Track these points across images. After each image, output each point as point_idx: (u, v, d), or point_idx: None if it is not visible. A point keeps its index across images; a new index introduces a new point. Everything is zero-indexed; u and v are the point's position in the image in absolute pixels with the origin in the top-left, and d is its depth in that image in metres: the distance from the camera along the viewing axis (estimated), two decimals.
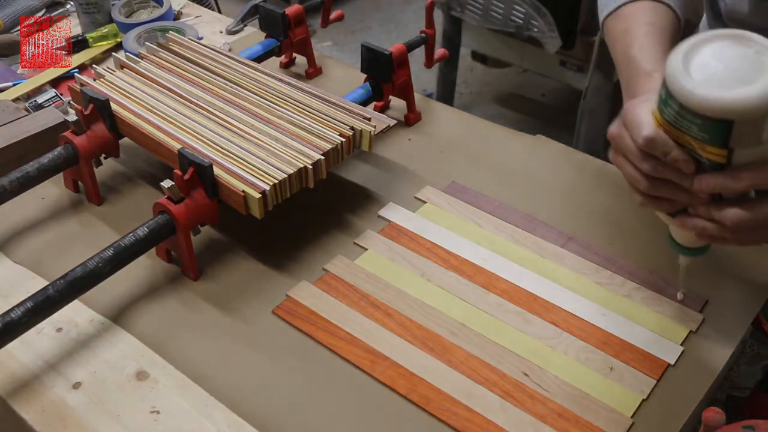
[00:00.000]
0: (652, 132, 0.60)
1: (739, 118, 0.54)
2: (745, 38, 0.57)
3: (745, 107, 0.54)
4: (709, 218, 0.61)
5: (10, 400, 0.68)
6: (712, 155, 0.58)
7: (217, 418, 0.67)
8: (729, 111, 0.54)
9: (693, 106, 0.55)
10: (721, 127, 0.55)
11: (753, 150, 0.57)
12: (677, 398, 0.68)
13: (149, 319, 0.76)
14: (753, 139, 0.56)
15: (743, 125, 0.55)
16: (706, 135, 0.57)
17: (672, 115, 0.58)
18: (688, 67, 0.56)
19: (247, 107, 0.89)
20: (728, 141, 0.56)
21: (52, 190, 0.92)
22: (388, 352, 0.72)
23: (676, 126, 0.58)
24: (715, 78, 0.56)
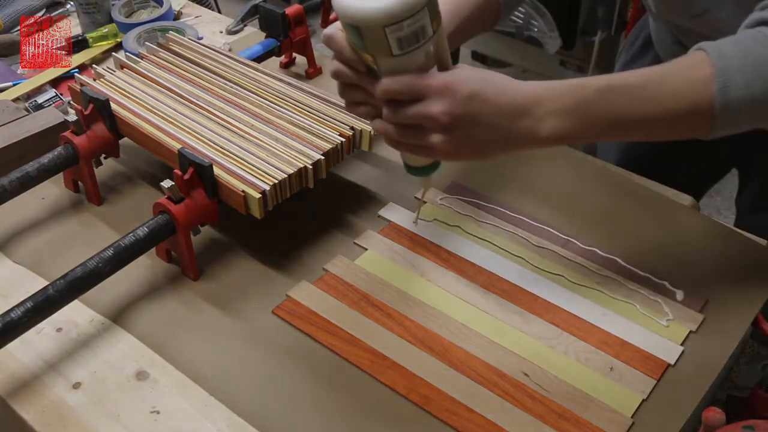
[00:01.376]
0: (331, 31, 0.66)
1: (362, 26, 0.60)
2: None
3: (361, 16, 0.59)
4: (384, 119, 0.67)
5: (10, 400, 0.68)
6: (367, 61, 0.64)
7: (217, 418, 0.67)
8: (350, 17, 0.59)
9: (336, 8, 0.60)
10: (355, 33, 0.61)
11: (392, 61, 0.62)
12: (677, 398, 0.68)
13: (149, 319, 0.76)
14: (384, 50, 0.61)
15: (369, 33, 0.60)
16: (354, 39, 0.62)
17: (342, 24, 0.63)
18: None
19: (247, 107, 0.89)
20: (367, 47, 0.62)
21: (52, 190, 0.92)
22: (388, 352, 0.72)
23: (347, 35, 0.64)
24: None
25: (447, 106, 0.63)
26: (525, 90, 0.65)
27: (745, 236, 0.84)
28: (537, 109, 0.64)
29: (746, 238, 0.84)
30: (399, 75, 0.63)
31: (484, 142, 0.65)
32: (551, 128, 0.64)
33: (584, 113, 0.64)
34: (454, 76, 0.64)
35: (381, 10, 0.58)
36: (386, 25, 0.59)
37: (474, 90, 0.63)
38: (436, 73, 0.65)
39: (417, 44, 0.61)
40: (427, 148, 0.66)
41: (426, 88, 0.63)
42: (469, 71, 0.65)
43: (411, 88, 0.64)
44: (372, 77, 0.66)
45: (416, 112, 0.64)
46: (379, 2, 0.58)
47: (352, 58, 0.66)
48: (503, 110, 0.64)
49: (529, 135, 0.65)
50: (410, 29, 0.60)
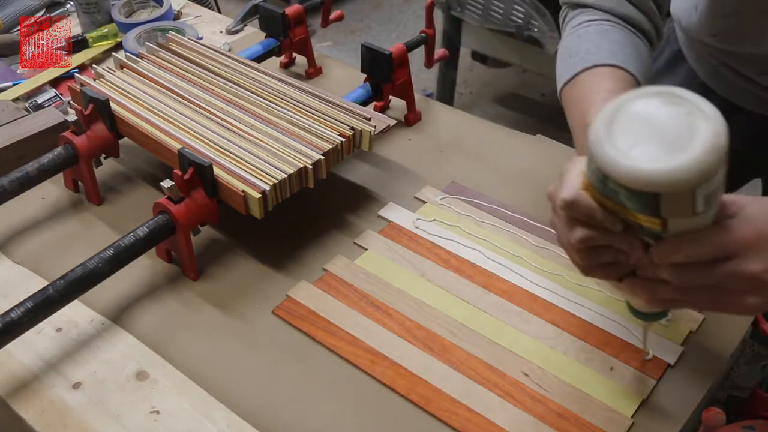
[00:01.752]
0: (573, 193, 0.56)
1: (666, 191, 0.49)
2: (674, 95, 0.51)
3: (669, 181, 0.48)
4: (655, 278, 0.57)
5: (10, 400, 0.68)
6: (645, 222, 0.53)
7: (217, 418, 0.67)
8: (653, 184, 0.49)
9: (614, 176, 0.50)
10: (648, 198, 0.50)
11: (690, 220, 0.52)
12: (677, 398, 0.68)
13: (149, 319, 0.76)
14: (686, 211, 0.51)
15: (672, 198, 0.49)
16: (635, 204, 0.51)
17: (597, 180, 0.53)
18: (612, 131, 0.51)
19: (247, 107, 0.89)
20: (659, 211, 0.51)
21: (52, 190, 0.92)
22: (388, 352, 0.72)
23: (602, 192, 0.53)
24: (638, 145, 0.49)
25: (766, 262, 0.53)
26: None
27: None
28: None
29: None
30: (693, 233, 0.53)
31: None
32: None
33: None
34: (760, 221, 0.54)
35: (693, 168, 0.47)
36: (700, 184, 0.48)
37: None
38: (739, 224, 0.53)
39: (719, 196, 0.51)
40: (731, 307, 0.57)
41: (736, 244, 0.53)
42: (764, 206, 0.55)
43: (719, 247, 0.53)
44: (631, 235, 0.55)
45: (729, 273, 0.54)
46: (685, 158, 0.47)
47: (605, 220, 0.55)
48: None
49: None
50: (718, 180, 0.49)
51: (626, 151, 0.49)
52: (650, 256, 0.55)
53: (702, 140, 0.48)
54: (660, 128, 0.50)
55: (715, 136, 0.48)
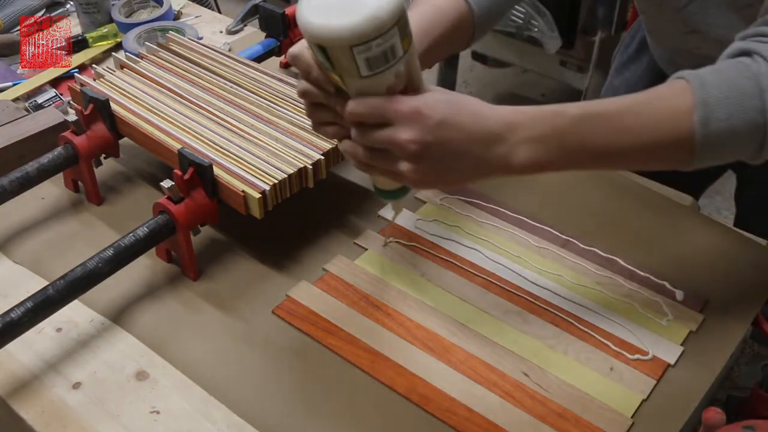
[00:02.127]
0: (297, 49, 0.63)
1: (327, 46, 0.56)
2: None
3: (326, 35, 0.55)
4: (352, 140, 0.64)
5: (10, 400, 0.68)
6: (335, 81, 0.61)
7: (217, 418, 0.67)
8: (315, 37, 0.56)
9: (301, 29, 0.57)
10: (322, 52, 0.58)
11: (360, 83, 0.59)
12: (677, 398, 0.68)
13: (149, 319, 0.76)
14: (351, 70, 0.58)
15: (336, 54, 0.57)
16: (320, 59, 0.59)
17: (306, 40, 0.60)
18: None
19: (247, 107, 0.89)
20: (334, 67, 0.58)
21: (52, 190, 0.92)
22: (388, 352, 0.72)
23: (312, 52, 0.60)
24: (327, 7, 0.56)
25: (415, 134, 0.60)
26: (498, 116, 0.62)
27: (745, 236, 0.84)
28: (510, 136, 0.61)
29: (746, 238, 0.84)
30: (367, 97, 0.61)
31: (454, 170, 0.62)
32: (525, 156, 0.62)
33: (559, 142, 0.62)
34: (423, 101, 0.61)
35: (348, 29, 0.55)
36: (354, 45, 0.56)
37: (444, 116, 0.60)
38: (405, 97, 0.61)
39: (386, 65, 0.58)
40: (395, 174, 0.64)
41: (394, 113, 0.60)
42: (440, 95, 0.62)
43: (378, 112, 0.61)
44: (340, 97, 0.63)
45: (384, 138, 0.61)
46: (345, 20, 0.55)
47: (319, 78, 0.63)
48: (475, 137, 0.61)
49: (502, 163, 0.62)
50: (379, 49, 0.57)
51: (315, 11, 0.56)
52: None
53: (366, 9, 0.54)
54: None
55: (377, 8, 0.54)
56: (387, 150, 0.62)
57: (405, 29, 0.58)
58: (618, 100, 0.64)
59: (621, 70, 1.09)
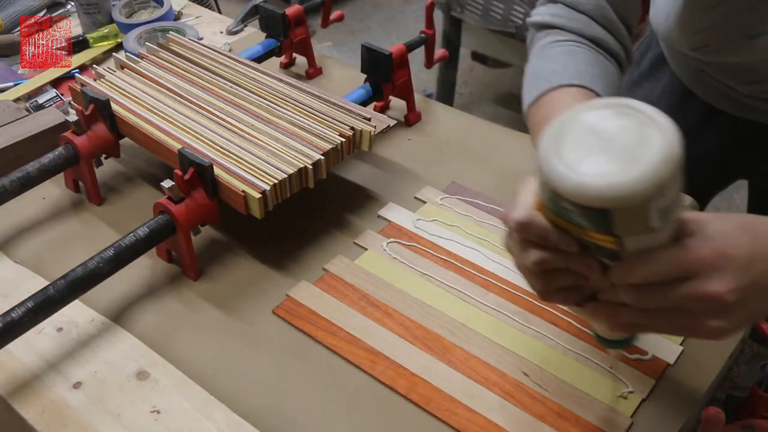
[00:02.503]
0: (525, 214, 0.53)
1: (616, 207, 0.46)
2: (627, 107, 0.48)
3: (619, 195, 0.45)
4: (615, 301, 0.54)
5: (11, 400, 0.69)
6: (600, 241, 0.50)
7: (217, 418, 0.67)
8: (603, 200, 0.46)
9: (563, 192, 0.47)
10: (599, 215, 0.47)
11: (645, 238, 0.49)
12: (677, 398, 0.68)
13: (150, 318, 0.76)
14: (639, 227, 0.48)
15: (623, 213, 0.46)
16: (587, 222, 0.48)
17: (548, 199, 0.50)
18: (560, 146, 0.48)
19: (248, 107, 0.89)
20: (612, 229, 0.48)
21: (52, 190, 0.92)
22: (388, 352, 0.72)
23: (555, 211, 0.51)
24: (588, 159, 0.47)
25: (730, 282, 0.50)
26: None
27: None
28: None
29: None
30: (650, 253, 0.50)
31: (763, 305, 0.53)
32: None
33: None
34: (721, 240, 0.51)
35: (643, 181, 0.44)
36: (653, 198, 0.45)
37: (749, 250, 0.51)
38: (697, 242, 0.50)
39: (675, 211, 0.48)
40: (694, 331, 0.53)
41: (695, 263, 0.50)
42: (727, 226, 0.52)
43: (677, 267, 0.50)
44: (588, 257, 0.52)
45: (689, 294, 0.50)
46: (636, 171, 0.44)
47: (561, 242, 0.52)
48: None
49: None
50: (672, 195, 0.46)
51: (575, 165, 0.47)
52: (608, 278, 0.52)
53: (654, 152, 0.45)
54: (611, 141, 0.47)
55: (668, 146, 0.45)
56: (678, 307, 0.52)
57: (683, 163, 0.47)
58: None
59: (633, 89, 1.05)
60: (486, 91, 2.75)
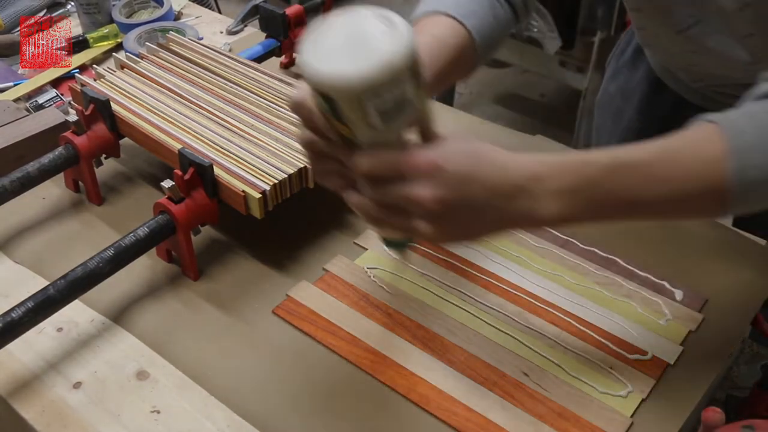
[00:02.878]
0: (300, 96, 0.59)
1: (335, 96, 0.52)
2: (386, 17, 0.52)
3: (334, 84, 0.51)
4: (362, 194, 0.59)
5: (11, 400, 0.69)
6: (342, 130, 0.56)
7: (218, 418, 0.67)
8: (322, 85, 0.51)
9: (305, 78, 0.52)
10: (328, 102, 0.53)
11: (372, 134, 0.54)
12: (677, 398, 0.68)
13: (150, 318, 0.76)
14: (362, 121, 0.53)
15: (346, 104, 0.52)
16: (327, 109, 0.54)
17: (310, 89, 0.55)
18: (317, 41, 0.53)
19: (247, 107, 0.89)
20: (341, 117, 0.53)
21: (52, 190, 0.92)
22: (388, 352, 0.72)
23: (315, 98, 0.55)
24: (332, 52, 0.51)
25: (435, 191, 0.55)
26: (522, 167, 0.58)
27: (745, 236, 0.84)
28: (536, 188, 0.57)
29: (746, 238, 0.84)
30: (379, 150, 0.56)
31: (476, 226, 0.58)
32: (552, 209, 0.57)
33: (588, 194, 0.57)
34: (442, 153, 0.56)
35: (359, 77, 0.50)
36: (365, 94, 0.51)
37: (466, 170, 0.56)
38: (422, 150, 0.56)
39: (400, 115, 0.53)
40: (410, 231, 0.59)
41: (410, 167, 0.55)
42: (459, 146, 0.57)
43: (393, 167, 0.56)
44: (346, 147, 0.58)
45: (400, 195, 0.56)
46: (355, 67, 0.50)
47: (323, 127, 0.58)
48: (498, 191, 0.57)
49: (527, 216, 0.58)
50: (392, 98, 0.52)
51: (320, 57, 0.51)
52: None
53: (374, 55, 0.50)
54: (356, 41, 0.52)
55: (391, 54, 0.50)
56: (401, 206, 0.57)
57: (418, 74, 0.53)
58: (645, 147, 0.59)
59: (616, 76, 1.08)
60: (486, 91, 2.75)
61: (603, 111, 1.11)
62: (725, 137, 0.57)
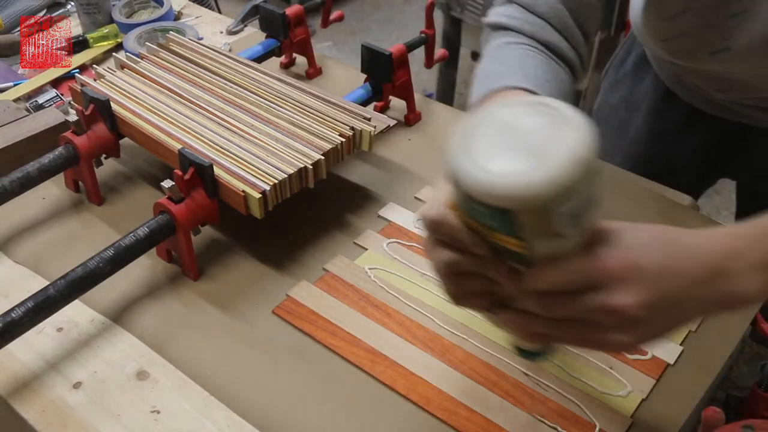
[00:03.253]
0: (437, 213, 0.52)
1: (520, 208, 0.44)
2: (543, 105, 0.47)
3: (523, 195, 0.43)
4: (526, 310, 0.52)
5: (11, 400, 0.69)
6: (509, 245, 0.48)
7: (218, 418, 0.67)
8: (507, 199, 0.44)
9: (470, 190, 0.45)
10: (505, 215, 0.45)
11: (554, 243, 0.47)
12: (676, 398, 0.68)
13: (150, 318, 0.76)
14: (546, 231, 0.46)
15: (529, 215, 0.45)
16: (494, 223, 0.47)
17: (459, 198, 0.48)
18: (471, 143, 0.46)
19: (247, 107, 0.89)
20: (518, 231, 0.46)
21: (52, 190, 0.92)
22: (388, 352, 0.72)
23: (466, 211, 0.49)
24: (497, 157, 0.45)
25: (638, 295, 0.48)
26: (716, 245, 0.52)
27: None
28: (734, 267, 0.51)
29: None
30: (560, 260, 0.48)
31: (676, 321, 0.52)
32: (753, 286, 0.51)
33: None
34: (636, 251, 0.49)
35: (549, 181, 0.42)
36: (555, 200, 0.43)
37: (663, 264, 0.49)
38: (610, 251, 0.49)
39: (587, 217, 0.46)
40: (599, 345, 0.53)
41: (604, 273, 0.48)
42: (644, 236, 0.51)
43: (585, 276, 0.49)
44: (499, 261, 0.50)
45: (595, 306, 0.49)
46: (541, 170, 0.42)
47: (471, 243, 0.51)
48: (697, 279, 0.50)
49: (729, 299, 0.52)
50: (582, 199, 0.45)
51: (483, 162, 0.45)
52: (518, 284, 0.51)
53: (561, 152, 0.43)
54: (522, 139, 0.45)
55: (578, 147, 0.43)
56: (585, 319, 0.50)
57: (597, 166, 0.45)
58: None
59: (617, 87, 1.05)
60: None
61: (603, 122, 1.08)
62: None
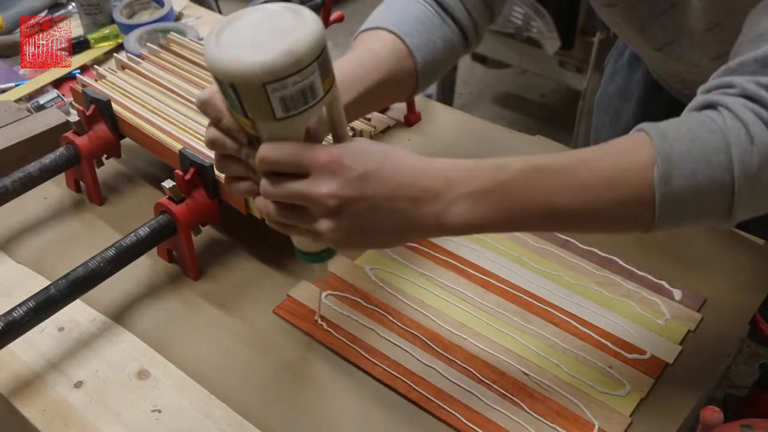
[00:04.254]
0: (207, 94, 0.58)
1: (239, 83, 0.51)
2: (292, 10, 0.52)
3: (237, 72, 0.50)
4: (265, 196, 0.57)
5: (12, 399, 0.69)
6: (243, 124, 0.54)
7: (218, 417, 0.67)
8: (224, 73, 0.50)
9: (208, 68, 0.52)
10: (232, 92, 0.51)
11: (274, 126, 0.53)
12: (676, 397, 0.68)
13: (150, 318, 0.77)
14: (265, 112, 0.52)
15: (248, 93, 0.51)
16: (229, 100, 0.53)
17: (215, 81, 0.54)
18: (221, 32, 0.52)
19: None
20: (245, 109, 0.52)
21: (53, 190, 0.92)
22: (388, 352, 0.72)
23: (222, 95, 0.54)
24: (237, 43, 0.51)
25: (335, 187, 0.53)
26: (434, 170, 0.56)
27: (744, 236, 0.85)
28: (447, 193, 0.55)
29: (745, 238, 0.84)
30: (282, 142, 0.54)
31: (381, 229, 0.56)
32: (461, 214, 0.55)
33: (500, 197, 0.55)
34: (346, 150, 0.54)
35: (261, 64, 0.49)
36: (267, 82, 0.50)
37: (370, 168, 0.54)
38: (325, 146, 0.55)
39: (304, 106, 0.52)
40: (313, 234, 0.57)
41: (311, 161, 0.53)
42: (366, 145, 0.56)
43: (293, 159, 0.54)
44: (254, 149, 0.56)
45: (298, 191, 0.54)
46: (259, 55, 0.49)
47: (231, 126, 0.56)
48: (404, 194, 0.55)
49: (436, 222, 0.55)
50: (296, 88, 0.51)
51: (222, 45, 0.51)
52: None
53: (280, 44, 0.49)
54: (260, 33, 0.51)
55: (295, 44, 0.49)
56: (303, 206, 0.56)
57: (326, 67, 0.52)
58: (571, 153, 0.58)
59: (615, 77, 1.08)
60: (486, 91, 2.75)
61: (602, 111, 1.12)
62: (653, 144, 0.55)
